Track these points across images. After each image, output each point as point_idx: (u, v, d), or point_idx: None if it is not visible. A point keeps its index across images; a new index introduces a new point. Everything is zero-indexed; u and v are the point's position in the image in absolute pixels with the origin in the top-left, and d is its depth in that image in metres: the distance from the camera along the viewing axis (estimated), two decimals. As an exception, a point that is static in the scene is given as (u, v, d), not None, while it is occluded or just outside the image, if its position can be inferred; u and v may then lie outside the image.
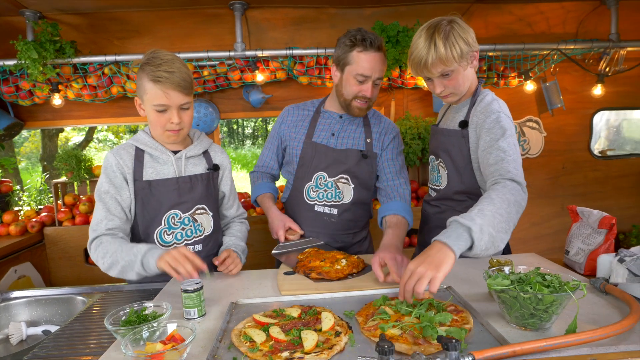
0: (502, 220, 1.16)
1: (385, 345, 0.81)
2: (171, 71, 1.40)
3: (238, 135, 17.89)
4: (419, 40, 1.44)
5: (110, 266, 1.39)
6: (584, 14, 3.12)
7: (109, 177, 1.48)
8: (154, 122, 1.48)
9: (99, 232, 1.43)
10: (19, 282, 2.59)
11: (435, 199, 1.72)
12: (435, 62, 1.42)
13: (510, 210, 1.20)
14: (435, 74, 1.47)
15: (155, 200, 1.51)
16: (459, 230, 1.11)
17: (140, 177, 1.51)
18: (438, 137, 1.68)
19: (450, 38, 1.40)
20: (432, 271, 1.05)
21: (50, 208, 2.99)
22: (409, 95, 3.24)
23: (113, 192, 1.47)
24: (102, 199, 1.47)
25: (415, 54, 1.45)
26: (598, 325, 1.03)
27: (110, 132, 12.61)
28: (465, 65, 1.47)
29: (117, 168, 1.49)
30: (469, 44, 1.43)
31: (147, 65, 1.42)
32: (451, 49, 1.40)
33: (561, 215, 3.44)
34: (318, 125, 1.84)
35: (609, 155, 3.54)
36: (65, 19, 2.81)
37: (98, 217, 1.46)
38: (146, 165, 1.53)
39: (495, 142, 1.39)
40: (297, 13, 2.95)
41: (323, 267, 1.48)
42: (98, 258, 1.42)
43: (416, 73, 1.51)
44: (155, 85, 1.40)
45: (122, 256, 1.36)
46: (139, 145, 1.54)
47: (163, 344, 0.95)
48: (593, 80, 3.16)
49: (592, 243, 1.53)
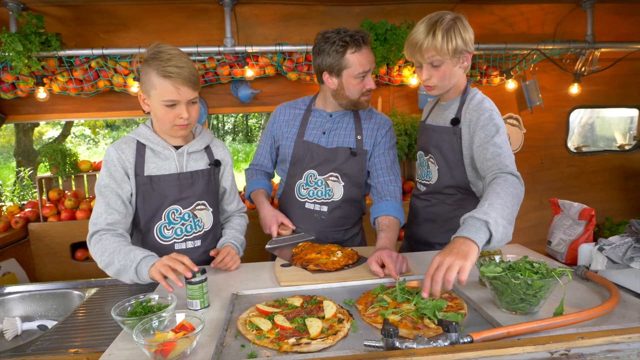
0: (510, 212, 1.22)
1: (390, 329, 0.87)
2: (181, 66, 1.39)
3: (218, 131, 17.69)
4: (421, 25, 1.50)
5: (107, 266, 1.37)
6: (562, 15, 3.25)
7: (109, 170, 1.48)
8: (161, 117, 1.46)
9: (99, 226, 1.41)
10: (4, 279, 2.54)
11: (425, 193, 1.77)
12: (428, 47, 1.47)
13: (514, 203, 1.26)
14: (426, 60, 1.51)
15: (156, 195, 1.51)
16: (477, 225, 1.15)
17: (142, 172, 1.50)
18: (428, 134, 1.73)
19: (450, 31, 1.46)
20: (460, 260, 1.06)
21: (35, 203, 2.93)
22: (395, 92, 3.31)
23: (114, 186, 1.46)
24: (102, 192, 1.46)
25: (414, 36, 1.51)
26: (581, 308, 1.11)
27: (86, 126, 12.30)
28: (455, 62, 1.52)
29: (119, 162, 1.48)
30: (466, 42, 1.48)
31: (154, 60, 1.40)
32: (448, 41, 1.46)
33: (539, 209, 3.59)
34: (309, 124, 1.85)
35: (584, 152, 3.71)
36: (50, 11, 2.75)
37: (98, 211, 1.44)
38: (147, 160, 1.52)
39: (490, 139, 1.44)
40: (286, 9, 2.97)
41: (320, 259, 1.52)
42: (96, 255, 1.40)
43: (409, 55, 1.56)
44: (166, 81, 1.39)
45: (119, 258, 1.33)
46: (140, 140, 1.53)
47: (174, 332, 0.97)
48: (570, 79, 3.29)
49: (573, 234, 1.62)
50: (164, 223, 1.54)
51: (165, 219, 1.54)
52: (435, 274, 1.07)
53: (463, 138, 1.57)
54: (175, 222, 1.55)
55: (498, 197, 1.23)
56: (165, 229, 1.55)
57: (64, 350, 1.13)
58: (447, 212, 1.70)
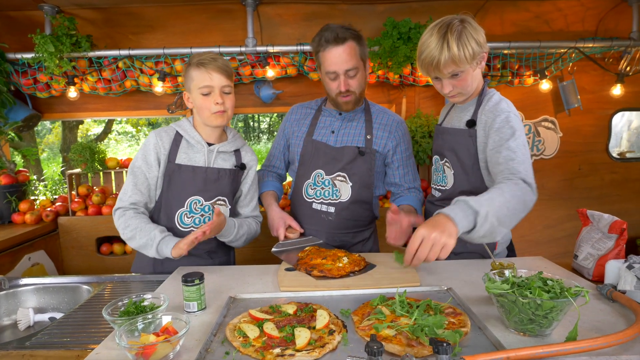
0: (507, 214, 1.19)
1: (374, 346, 0.81)
2: (214, 57, 1.57)
3: (254, 130, 17.98)
4: (431, 39, 1.41)
5: (129, 239, 1.55)
6: (604, 11, 3.02)
7: (144, 153, 1.62)
8: (200, 107, 1.59)
9: (124, 203, 1.59)
10: (33, 270, 2.66)
11: (440, 199, 1.69)
12: (447, 63, 1.40)
13: (517, 208, 1.22)
14: (446, 75, 1.45)
15: (182, 182, 1.63)
16: (466, 211, 1.14)
17: (173, 160, 1.63)
18: (443, 137, 1.66)
19: (462, 38, 1.38)
20: (445, 238, 1.07)
21: (65, 198, 3.05)
22: (420, 92, 3.20)
23: (145, 168, 1.61)
24: (133, 172, 1.61)
25: (427, 53, 1.42)
26: (601, 333, 1.00)
27: (129, 124, 12.84)
28: (475, 66, 1.45)
29: (154, 147, 1.62)
30: (480, 44, 1.41)
31: (193, 59, 1.59)
32: (464, 49, 1.38)
33: (575, 218, 3.31)
34: (319, 123, 1.84)
35: (628, 158, 3.43)
36: (82, 14, 2.86)
37: (126, 188, 1.61)
38: (181, 150, 1.65)
39: (504, 142, 1.38)
40: (309, 9, 2.94)
41: (325, 265, 1.47)
42: (120, 227, 1.57)
43: (426, 73, 1.49)
44: (200, 69, 1.55)
45: (140, 235, 1.52)
46: (179, 130, 1.67)
47: (156, 335, 0.96)
48: (612, 79, 3.06)
49: (602, 248, 1.48)
50: (185, 211, 1.64)
51: (188, 207, 1.64)
52: (420, 250, 1.10)
53: (478, 141, 1.48)
54: (196, 212, 1.66)
55: (501, 195, 1.20)
56: (186, 217, 1.65)
57: (59, 345, 1.15)
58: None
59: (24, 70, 2.81)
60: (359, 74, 1.68)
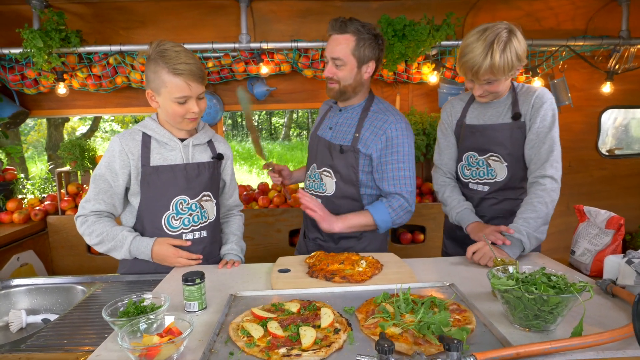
0: (542, 223, 1.50)
1: (385, 345, 0.80)
2: (189, 62, 1.43)
3: (242, 128, 17.84)
4: (476, 44, 1.46)
5: (98, 244, 1.51)
6: (594, 10, 3.06)
7: (108, 161, 1.52)
8: (173, 113, 1.49)
9: (85, 211, 1.51)
10: (21, 270, 2.60)
11: (494, 191, 1.73)
12: (486, 71, 1.47)
13: (549, 211, 1.52)
14: (482, 81, 1.53)
15: (162, 185, 1.54)
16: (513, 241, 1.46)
17: (148, 163, 1.53)
18: (485, 133, 1.69)
19: (507, 51, 1.45)
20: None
21: (54, 197, 2.99)
22: (414, 90, 3.20)
23: (109, 176, 1.51)
24: (95, 180, 1.52)
25: (470, 57, 1.48)
26: (604, 328, 1.01)
27: (116, 122, 12.63)
28: (509, 77, 1.53)
29: (119, 154, 1.50)
30: (520, 59, 1.48)
31: (162, 59, 1.42)
32: (505, 62, 1.45)
33: (566, 214, 3.40)
34: (326, 119, 1.89)
35: (616, 154, 3.49)
36: (71, 8, 2.78)
37: (88, 196, 1.53)
38: (153, 152, 1.55)
39: (548, 132, 1.56)
40: (302, 5, 2.91)
41: (345, 270, 1.41)
42: (84, 235, 1.52)
43: (463, 74, 1.56)
44: (177, 78, 1.42)
45: (108, 239, 1.49)
46: (146, 131, 1.56)
47: (160, 336, 0.94)
48: (602, 77, 3.10)
49: (599, 243, 1.50)
50: (172, 213, 1.57)
51: (174, 209, 1.57)
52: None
53: (527, 130, 1.61)
54: (183, 212, 1.58)
55: (533, 210, 1.49)
56: (173, 219, 1.58)
57: (56, 347, 1.12)
58: (516, 206, 1.64)
59: (11, 66, 2.74)
60: (347, 68, 1.65)
